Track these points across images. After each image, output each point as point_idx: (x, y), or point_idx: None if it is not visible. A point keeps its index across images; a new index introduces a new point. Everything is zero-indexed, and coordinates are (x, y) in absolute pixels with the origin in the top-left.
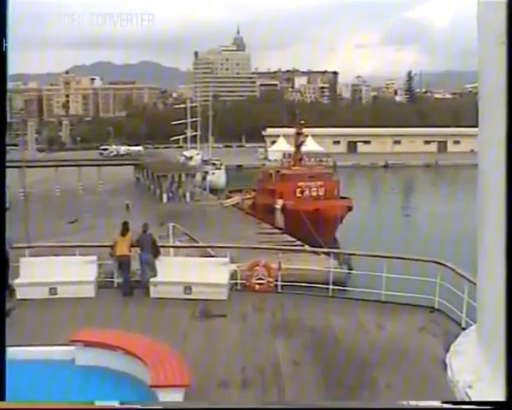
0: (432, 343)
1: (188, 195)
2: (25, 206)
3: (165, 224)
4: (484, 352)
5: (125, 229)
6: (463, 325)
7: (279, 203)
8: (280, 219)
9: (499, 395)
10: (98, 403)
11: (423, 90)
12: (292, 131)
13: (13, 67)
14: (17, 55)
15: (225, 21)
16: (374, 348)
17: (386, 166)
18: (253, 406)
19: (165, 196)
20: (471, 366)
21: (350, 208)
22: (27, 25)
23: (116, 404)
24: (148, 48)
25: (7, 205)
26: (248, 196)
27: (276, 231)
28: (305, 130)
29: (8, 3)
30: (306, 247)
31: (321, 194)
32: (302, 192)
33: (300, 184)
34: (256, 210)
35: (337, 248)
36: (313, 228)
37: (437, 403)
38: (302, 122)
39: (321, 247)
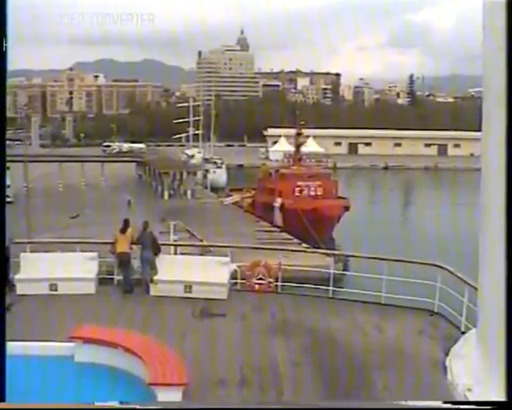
0: (431, 347)
1: (189, 192)
2: (27, 200)
3: (166, 220)
4: (483, 355)
5: (125, 226)
6: (463, 329)
7: (278, 202)
8: (279, 217)
9: (498, 398)
10: (98, 403)
11: (426, 93)
12: (293, 131)
13: (17, 63)
14: (21, 51)
15: (229, 21)
16: (372, 351)
17: (386, 168)
18: (252, 406)
19: (166, 193)
20: (471, 370)
21: (347, 208)
22: (31, 21)
23: (116, 404)
24: (151, 46)
25: (12, 199)
26: (248, 194)
27: (274, 228)
28: (306, 131)
29: (8, 3)
30: (304, 245)
31: (319, 193)
32: (301, 191)
33: (299, 183)
34: (255, 208)
35: (333, 245)
36: (311, 226)
37: (437, 403)
38: (302, 123)
39: (318, 245)
